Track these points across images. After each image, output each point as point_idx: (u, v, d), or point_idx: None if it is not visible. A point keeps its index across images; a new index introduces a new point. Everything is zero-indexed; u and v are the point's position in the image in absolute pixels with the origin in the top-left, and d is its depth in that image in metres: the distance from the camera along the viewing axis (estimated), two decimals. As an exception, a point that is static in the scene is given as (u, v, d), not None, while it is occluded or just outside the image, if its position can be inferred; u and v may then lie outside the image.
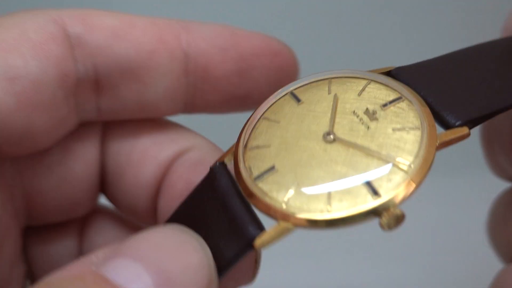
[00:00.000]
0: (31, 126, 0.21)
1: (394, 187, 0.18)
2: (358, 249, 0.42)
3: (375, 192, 0.18)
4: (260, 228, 0.18)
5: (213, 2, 0.65)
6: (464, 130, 0.19)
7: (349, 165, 0.19)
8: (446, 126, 0.19)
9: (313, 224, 0.18)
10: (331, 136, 0.19)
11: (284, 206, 0.18)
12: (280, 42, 0.24)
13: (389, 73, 0.21)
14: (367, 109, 0.20)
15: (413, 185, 0.18)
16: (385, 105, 0.20)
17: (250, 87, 0.24)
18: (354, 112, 0.20)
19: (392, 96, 0.20)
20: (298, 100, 0.21)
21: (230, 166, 0.20)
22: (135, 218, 0.25)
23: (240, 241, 0.18)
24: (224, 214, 0.19)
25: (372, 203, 0.18)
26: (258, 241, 0.18)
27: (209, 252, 0.18)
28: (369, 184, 0.18)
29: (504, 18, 0.27)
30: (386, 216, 0.17)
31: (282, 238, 0.18)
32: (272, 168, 0.19)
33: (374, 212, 0.18)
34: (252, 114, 0.21)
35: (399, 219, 0.18)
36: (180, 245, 0.18)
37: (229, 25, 0.24)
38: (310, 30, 0.65)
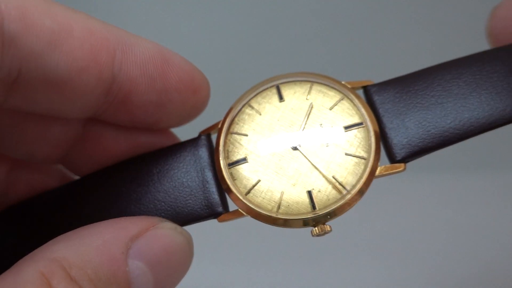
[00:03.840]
0: None
1: (330, 205, 0.22)
2: (357, 249, 0.42)
3: (314, 207, 0.22)
4: (225, 208, 0.23)
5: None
6: (401, 166, 0.23)
7: (303, 176, 0.23)
8: (389, 157, 0.23)
9: (263, 218, 0.22)
10: (297, 144, 0.23)
11: (245, 198, 0.23)
12: (202, 76, 0.24)
13: (365, 88, 0.24)
14: (332, 126, 0.23)
15: (347, 208, 0.22)
16: (347, 127, 0.23)
17: (161, 117, 0.24)
18: (321, 124, 0.23)
19: (356, 120, 0.23)
20: (281, 97, 0.24)
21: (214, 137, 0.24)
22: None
23: (208, 211, 0.23)
24: (200, 181, 0.24)
25: (310, 215, 0.22)
26: (220, 218, 0.23)
27: (191, 240, 0.23)
28: (311, 199, 0.22)
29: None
30: (318, 229, 0.22)
31: (237, 219, 0.23)
32: (244, 160, 0.23)
33: (309, 223, 0.22)
34: (240, 97, 0.24)
35: (326, 232, 0.22)
36: (172, 245, 0.22)
37: (163, 48, 0.23)
38: (308, 29, 0.65)
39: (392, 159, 0.23)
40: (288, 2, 0.63)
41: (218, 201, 0.24)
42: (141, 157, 0.25)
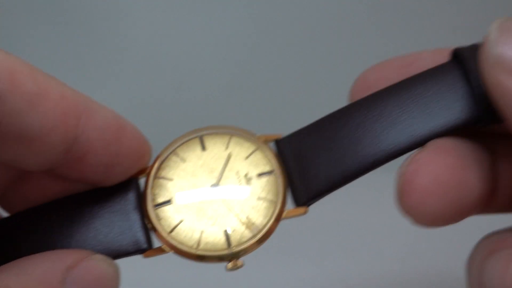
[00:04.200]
0: None
1: (243, 243, 0.26)
2: (357, 249, 0.43)
3: (229, 245, 0.26)
4: (150, 244, 0.26)
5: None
6: (302, 210, 0.26)
7: (221, 217, 0.26)
8: (294, 201, 0.27)
9: (185, 254, 0.26)
10: (216, 189, 0.26)
11: (168, 236, 0.26)
12: (148, 144, 0.27)
13: (276, 141, 0.28)
14: (246, 173, 0.27)
15: (258, 246, 0.26)
16: (260, 174, 0.27)
17: (107, 177, 0.27)
18: (237, 172, 0.27)
19: (267, 168, 0.27)
20: (203, 147, 0.28)
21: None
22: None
23: (135, 247, 0.26)
24: (128, 220, 0.27)
25: (225, 251, 0.26)
26: (145, 254, 0.26)
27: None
28: (227, 237, 0.26)
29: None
30: (232, 264, 0.26)
31: (160, 254, 0.26)
32: (169, 202, 0.27)
33: (225, 258, 0.26)
34: (167, 146, 0.28)
35: (238, 267, 0.26)
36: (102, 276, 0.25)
37: (119, 117, 0.26)
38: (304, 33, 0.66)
39: (296, 203, 0.27)
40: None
41: (143, 239, 0.27)
42: (74, 197, 0.27)
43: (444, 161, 0.24)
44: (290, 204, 0.27)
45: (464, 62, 0.25)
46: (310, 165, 0.27)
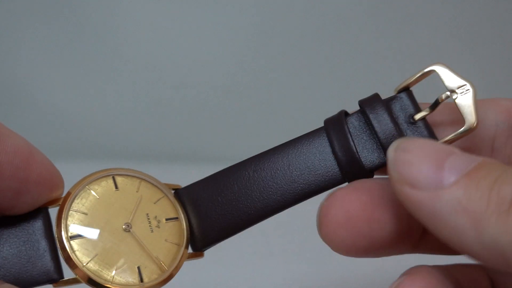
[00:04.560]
0: None
1: (155, 279, 0.27)
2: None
3: (141, 280, 0.27)
4: (60, 275, 0.27)
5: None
6: (201, 254, 0.30)
7: (133, 254, 0.28)
8: (192, 246, 0.29)
9: (99, 286, 0.26)
10: (128, 227, 0.28)
11: (83, 267, 0.27)
12: (60, 176, 0.28)
13: (176, 190, 0.30)
14: (156, 216, 0.29)
15: (166, 282, 0.28)
16: (167, 219, 0.29)
17: (15, 204, 0.27)
18: (147, 214, 0.29)
19: (173, 214, 0.29)
20: (116, 186, 0.29)
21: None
22: None
23: (45, 277, 0.27)
24: (37, 249, 0.27)
25: (137, 286, 0.27)
26: (55, 284, 0.27)
27: None
28: (140, 273, 0.27)
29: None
30: None
31: (73, 285, 0.27)
32: (83, 235, 0.27)
33: None
34: (79, 181, 0.28)
35: None
36: None
37: (30, 145, 0.27)
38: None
39: (193, 248, 0.29)
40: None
41: (53, 268, 0.27)
42: None
43: (358, 198, 0.26)
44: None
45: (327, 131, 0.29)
46: (205, 215, 0.29)
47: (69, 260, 0.27)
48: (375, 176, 0.28)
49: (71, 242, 0.27)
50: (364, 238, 0.26)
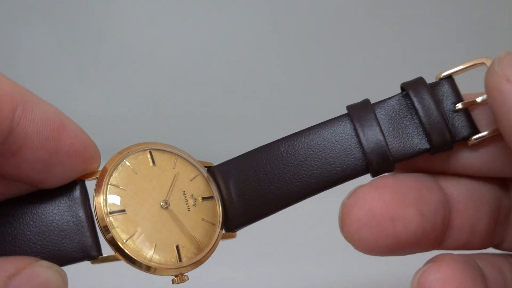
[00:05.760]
0: None
1: (191, 260, 0.27)
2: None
3: (180, 259, 0.27)
4: (99, 251, 0.26)
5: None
6: (233, 235, 0.29)
7: (172, 233, 0.27)
8: (226, 226, 0.29)
9: (137, 265, 0.26)
10: (166, 205, 0.27)
11: (123, 243, 0.26)
12: (95, 147, 0.26)
13: (209, 168, 0.29)
14: (192, 194, 0.28)
15: (202, 263, 0.27)
16: (204, 198, 0.28)
17: (47, 177, 0.25)
18: (184, 192, 0.28)
19: (208, 193, 0.29)
20: (153, 161, 0.28)
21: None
22: None
23: (83, 254, 0.26)
24: (75, 225, 0.26)
25: (176, 265, 0.26)
26: (93, 261, 0.26)
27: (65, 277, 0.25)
28: (178, 252, 0.27)
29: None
30: (178, 278, 0.26)
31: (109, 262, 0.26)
32: (123, 211, 0.26)
33: (175, 272, 0.26)
34: (116, 154, 0.27)
35: (184, 281, 0.27)
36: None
37: (61, 114, 0.25)
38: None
39: (226, 229, 0.29)
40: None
41: (92, 244, 0.26)
42: (15, 200, 0.26)
43: (380, 196, 0.26)
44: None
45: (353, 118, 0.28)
46: (237, 195, 0.29)
47: (108, 236, 0.26)
48: (398, 174, 0.28)
49: (110, 218, 0.26)
50: (388, 237, 0.26)
